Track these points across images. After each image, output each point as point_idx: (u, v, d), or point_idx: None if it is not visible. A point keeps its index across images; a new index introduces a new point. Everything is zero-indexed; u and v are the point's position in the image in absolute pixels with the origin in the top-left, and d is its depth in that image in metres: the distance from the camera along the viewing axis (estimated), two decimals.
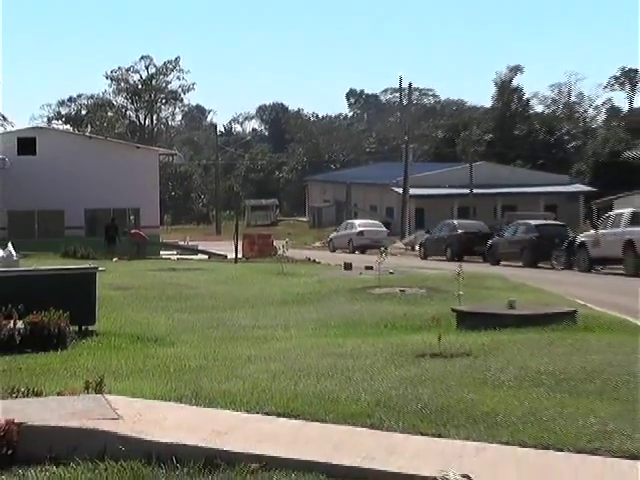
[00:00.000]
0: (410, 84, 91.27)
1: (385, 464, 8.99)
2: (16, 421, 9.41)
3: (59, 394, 11.31)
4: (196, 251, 61.07)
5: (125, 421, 9.93)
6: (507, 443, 10.04)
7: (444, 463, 6.67)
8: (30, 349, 15.09)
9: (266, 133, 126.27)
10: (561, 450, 9.84)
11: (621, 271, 39.41)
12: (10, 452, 9.09)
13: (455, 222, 59.44)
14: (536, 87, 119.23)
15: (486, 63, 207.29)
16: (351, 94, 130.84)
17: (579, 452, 9.80)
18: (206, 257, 55.90)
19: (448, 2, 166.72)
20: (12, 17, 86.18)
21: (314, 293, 26.34)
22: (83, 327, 17.17)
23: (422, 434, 10.24)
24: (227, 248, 55.88)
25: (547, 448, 9.89)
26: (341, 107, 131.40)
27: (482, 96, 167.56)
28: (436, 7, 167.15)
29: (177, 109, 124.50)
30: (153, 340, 17.29)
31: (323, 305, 23.56)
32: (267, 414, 10.85)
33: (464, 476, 6.21)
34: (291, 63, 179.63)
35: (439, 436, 10.14)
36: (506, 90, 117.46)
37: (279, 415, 10.82)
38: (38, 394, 11.30)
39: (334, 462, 8.99)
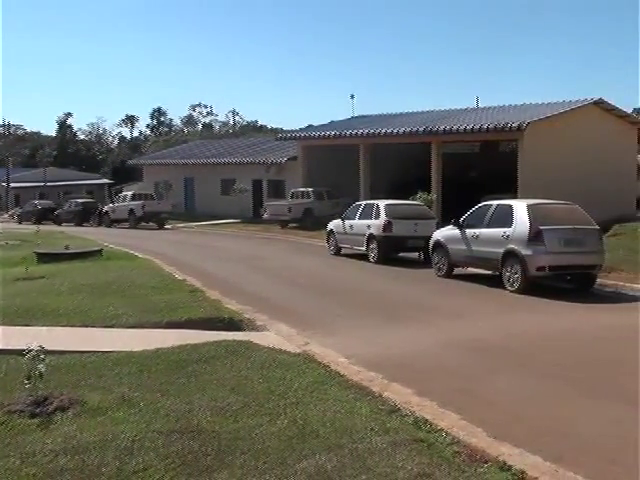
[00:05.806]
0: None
1: None
2: None
3: None
4: None
5: None
6: (66, 326, 9.95)
7: (30, 340, 6.56)
8: None
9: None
10: (94, 326, 9.93)
11: (127, 226, 39.11)
12: None
13: (36, 202, 56.01)
14: (80, 124, 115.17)
15: (53, 108, 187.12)
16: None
17: (105, 327, 9.93)
18: None
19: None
20: None
21: None
22: None
23: (16, 325, 9.87)
24: None
25: (87, 326, 9.92)
26: None
27: (49, 128, 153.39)
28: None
29: None
30: None
31: None
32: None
33: (40, 346, 6.18)
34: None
35: (26, 325, 9.84)
36: (63, 126, 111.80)
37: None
38: None
39: None
